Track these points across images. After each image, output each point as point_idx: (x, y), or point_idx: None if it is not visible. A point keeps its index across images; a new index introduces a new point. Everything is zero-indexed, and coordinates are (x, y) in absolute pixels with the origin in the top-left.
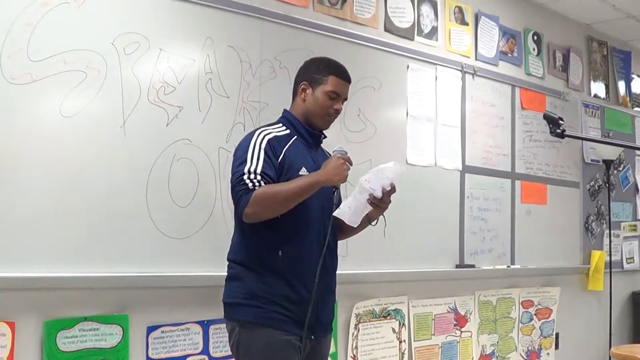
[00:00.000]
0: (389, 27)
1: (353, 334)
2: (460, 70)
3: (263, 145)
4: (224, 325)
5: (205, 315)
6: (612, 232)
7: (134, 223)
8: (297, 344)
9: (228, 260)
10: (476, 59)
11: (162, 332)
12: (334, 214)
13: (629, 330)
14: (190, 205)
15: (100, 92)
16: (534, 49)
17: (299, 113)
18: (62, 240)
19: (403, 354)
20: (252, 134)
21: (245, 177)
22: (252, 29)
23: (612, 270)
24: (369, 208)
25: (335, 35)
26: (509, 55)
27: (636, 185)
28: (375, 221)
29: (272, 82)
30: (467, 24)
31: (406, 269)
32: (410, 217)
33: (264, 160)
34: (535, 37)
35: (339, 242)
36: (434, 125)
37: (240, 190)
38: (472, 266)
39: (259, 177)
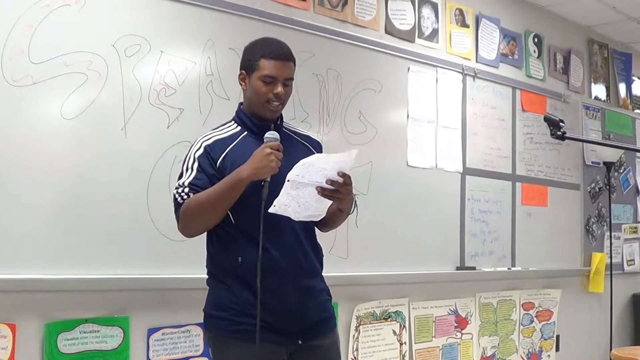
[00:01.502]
0: (390, 29)
1: (354, 336)
2: (461, 73)
3: (197, 154)
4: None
5: None
6: (612, 234)
7: (135, 225)
8: (279, 352)
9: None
10: (477, 61)
11: (163, 334)
12: (269, 210)
13: (629, 332)
14: None
15: (101, 94)
16: (534, 51)
17: (245, 105)
18: (62, 242)
19: (404, 356)
20: (193, 143)
21: (175, 191)
22: (253, 31)
23: (613, 272)
24: (326, 200)
25: (336, 38)
26: (510, 57)
27: (637, 187)
28: (352, 209)
29: None
30: (467, 26)
31: (407, 271)
32: (411, 219)
33: (196, 170)
34: (536, 39)
35: (340, 244)
36: (434, 127)
37: (174, 207)
38: (473, 268)
39: (187, 190)
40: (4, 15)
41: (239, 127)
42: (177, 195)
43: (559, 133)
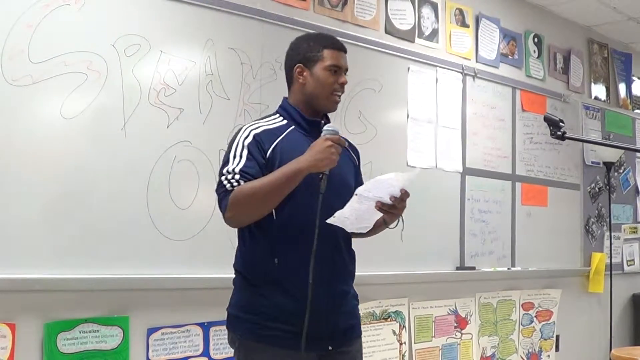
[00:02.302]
0: (390, 29)
1: None
2: (461, 73)
3: (247, 142)
4: (225, 327)
5: (206, 317)
6: (612, 234)
7: (135, 225)
8: (308, 358)
9: (233, 267)
10: (477, 61)
11: (163, 333)
12: (328, 220)
13: (629, 332)
14: (190, 207)
15: (101, 93)
16: (534, 51)
17: (298, 100)
18: (62, 242)
19: (403, 356)
20: (239, 131)
21: (223, 177)
22: (253, 31)
23: (613, 272)
24: (379, 214)
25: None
26: (510, 57)
27: (636, 187)
28: (394, 224)
29: (272, 84)
30: (467, 26)
31: (407, 271)
32: (411, 219)
33: (247, 158)
34: (536, 39)
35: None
36: (434, 127)
37: (220, 194)
38: (473, 268)
39: (237, 177)
40: (3, 14)
41: (285, 121)
42: (225, 182)
43: (558, 133)
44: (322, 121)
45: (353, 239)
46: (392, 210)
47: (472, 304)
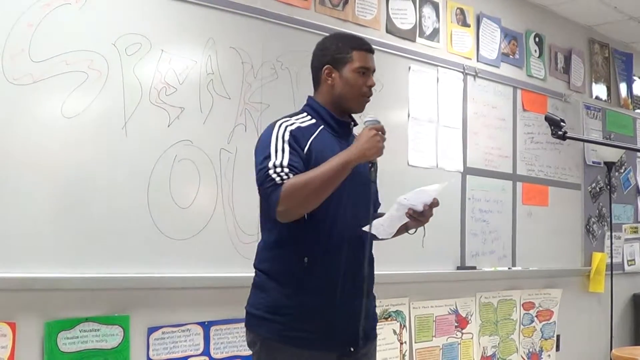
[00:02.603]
0: (391, 29)
1: None
2: (462, 72)
3: (286, 137)
4: (225, 326)
5: (206, 316)
6: (613, 234)
7: (135, 224)
8: (329, 359)
9: (254, 267)
10: (478, 61)
11: (163, 333)
12: (364, 228)
13: (630, 332)
14: (191, 207)
15: (101, 93)
16: (535, 51)
17: (327, 100)
18: (63, 241)
19: (404, 355)
20: (272, 126)
21: (271, 171)
22: (254, 30)
23: (613, 272)
24: (406, 220)
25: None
26: (511, 57)
27: (637, 187)
28: (413, 230)
29: (273, 83)
30: (468, 26)
31: (407, 270)
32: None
33: (290, 152)
34: (537, 39)
35: None
36: (435, 126)
37: (268, 188)
38: (473, 268)
39: (286, 170)
40: (4, 13)
41: (314, 120)
42: (275, 176)
43: (559, 133)
44: (352, 123)
45: None
46: (420, 217)
47: (473, 304)
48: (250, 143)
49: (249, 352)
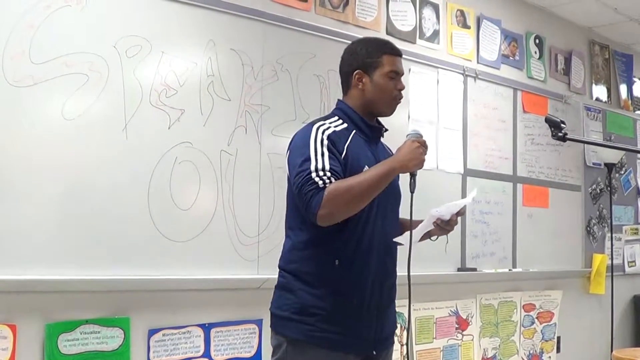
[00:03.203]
0: (391, 30)
1: None
2: (462, 74)
3: (325, 142)
4: (225, 328)
5: (207, 318)
6: (613, 235)
7: (136, 226)
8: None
9: (279, 267)
10: (478, 62)
11: (164, 335)
12: (395, 240)
13: (630, 333)
14: (192, 208)
15: (102, 94)
16: (535, 52)
17: (357, 105)
18: (63, 243)
19: (405, 357)
20: (308, 129)
21: (313, 175)
22: (254, 32)
23: (614, 273)
24: (431, 227)
25: (337, 39)
26: (511, 58)
27: (638, 188)
28: (435, 237)
29: (274, 85)
30: (468, 27)
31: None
32: None
33: (329, 157)
34: (537, 41)
35: None
36: (435, 128)
37: (310, 191)
38: (474, 269)
39: (328, 174)
40: (5, 15)
41: (345, 124)
42: (317, 179)
43: (560, 134)
44: (383, 128)
45: None
46: (446, 227)
47: (473, 305)
48: (251, 145)
49: (249, 354)
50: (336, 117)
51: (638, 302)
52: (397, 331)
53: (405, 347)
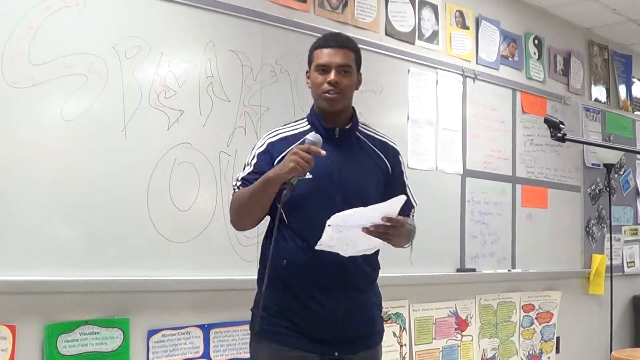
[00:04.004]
0: (390, 31)
1: None
2: (461, 74)
3: (259, 152)
4: (225, 328)
5: (206, 319)
6: (612, 236)
7: (135, 227)
8: (311, 358)
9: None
10: (477, 63)
11: (163, 335)
12: (316, 247)
13: (630, 334)
14: (191, 209)
15: (101, 95)
16: (534, 53)
17: (314, 103)
18: (62, 244)
19: (404, 357)
20: (262, 137)
21: (233, 184)
22: (253, 33)
23: (613, 274)
24: (375, 238)
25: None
26: (510, 59)
27: (637, 189)
28: (407, 245)
29: (273, 86)
30: (467, 28)
31: (407, 272)
32: None
33: (253, 166)
34: (536, 41)
35: None
36: (434, 129)
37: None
38: (473, 270)
39: (239, 184)
40: (5, 16)
41: (308, 126)
42: (235, 188)
43: (559, 135)
44: (337, 129)
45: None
46: (383, 235)
47: (473, 306)
48: (250, 146)
49: (248, 355)
50: (305, 119)
51: (637, 303)
52: (397, 332)
53: (403, 348)
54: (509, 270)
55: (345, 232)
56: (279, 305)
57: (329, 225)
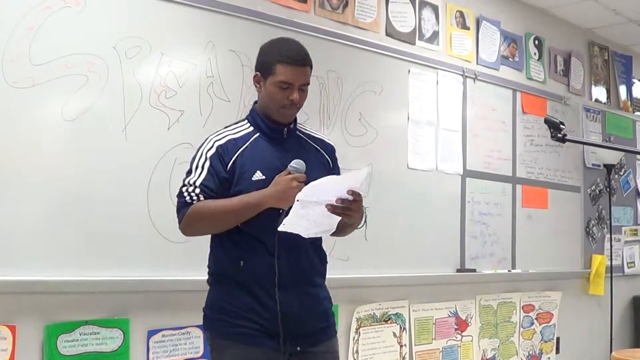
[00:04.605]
0: (390, 32)
1: (354, 338)
2: (462, 75)
3: (209, 154)
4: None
5: None
6: (613, 236)
7: (135, 227)
8: (276, 356)
9: (207, 268)
10: (477, 64)
11: (163, 336)
12: (279, 229)
13: (630, 334)
14: None
15: (101, 96)
16: (535, 54)
17: (260, 107)
18: (62, 244)
19: (404, 358)
20: (205, 139)
21: (184, 188)
22: (253, 33)
23: (613, 274)
24: (336, 217)
25: (337, 40)
26: (510, 59)
27: (637, 189)
28: (361, 224)
29: None
30: (468, 29)
31: (407, 273)
32: (411, 221)
33: (207, 171)
34: (537, 42)
35: (340, 247)
36: (435, 129)
37: (178, 202)
38: (473, 270)
39: (197, 190)
40: (5, 17)
41: (251, 128)
42: (185, 194)
43: (559, 135)
44: (285, 129)
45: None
46: (345, 212)
47: (473, 306)
48: None
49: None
50: (245, 121)
51: (637, 303)
52: (397, 332)
53: (403, 348)
54: (509, 271)
55: (310, 209)
56: (239, 307)
57: (297, 201)
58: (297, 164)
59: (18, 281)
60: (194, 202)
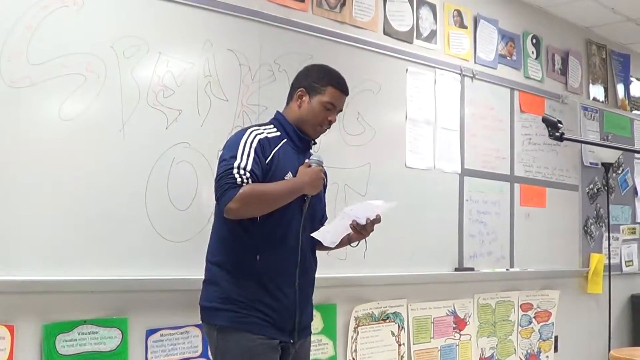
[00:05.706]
0: (388, 31)
1: (352, 337)
2: (459, 74)
3: (254, 145)
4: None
5: None
6: (611, 235)
7: (133, 226)
8: (279, 348)
9: (206, 261)
10: (475, 62)
11: (162, 335)
12: (312, 234)
13: (628, 333)
14: (189, 209)
15: (99, 95)
16: (533, 52)
17: (292, 118)
18: (61, 243)
19: (402, 357)
20: (243, 131)
21: (234, 171)
22: (251, 32)
23: (611, 273)
24: (349, 231)
25: (335, 39)
26: (508, 58)
27: (635, 188)
28: (356, 243)
29: (271, 85)
30: (466, 27)
31: (405, 272)
32: (409, 220)
33: (254, 159)
34: (534, 41)
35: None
36: (433, 128)
37: (227, 184)
38: (471, 269)
39: (247, 175)
40: (3, 16)
41: (279, 133)
42: (237, 176)
43: (557, 134)
44: (312, 141)
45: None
46: (362, 231)
47: (471, 305)
48: None
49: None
50: (272, 126)
51: (635, 302)
52: (395, 331)
53: (402, 347)
54: (507, 270)
55: (344, 221)
56: (250, 298)
57: (344, 212)
58: (317, 157)
59: (16, 281)
60: (244, 184)
